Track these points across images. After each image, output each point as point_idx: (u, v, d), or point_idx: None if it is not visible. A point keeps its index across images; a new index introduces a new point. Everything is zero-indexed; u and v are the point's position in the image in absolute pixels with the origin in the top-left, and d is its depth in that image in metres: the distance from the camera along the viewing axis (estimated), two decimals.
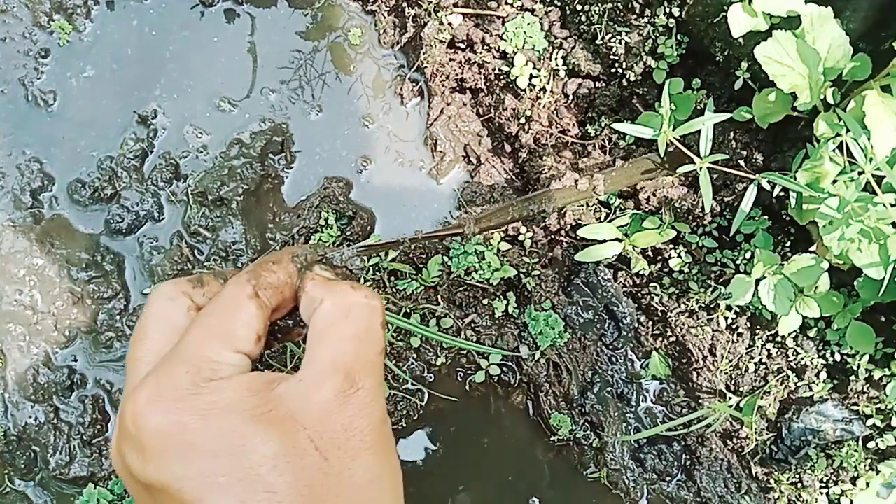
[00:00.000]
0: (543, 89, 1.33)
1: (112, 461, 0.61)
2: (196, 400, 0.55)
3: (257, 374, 0.60)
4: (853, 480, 1.28)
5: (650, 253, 1.34)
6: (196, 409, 0.55)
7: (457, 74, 1.41)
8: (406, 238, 1.04)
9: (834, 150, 1.04)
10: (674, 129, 1.13)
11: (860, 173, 1.00)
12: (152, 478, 0.54)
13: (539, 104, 1.35)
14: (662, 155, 1.17)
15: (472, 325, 1.39)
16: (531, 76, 1.32)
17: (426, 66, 1.41)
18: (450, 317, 1.37)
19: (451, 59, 1.40)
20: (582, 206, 1.36)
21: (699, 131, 1.13)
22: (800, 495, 1.31)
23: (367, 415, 0.59)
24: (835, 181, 1.05)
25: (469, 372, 1.40)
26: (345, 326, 0.63)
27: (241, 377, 0.58)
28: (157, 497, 0.55)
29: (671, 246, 1.31)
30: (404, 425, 1.37)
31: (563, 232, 1.39)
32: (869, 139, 0.96)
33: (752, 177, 1.13)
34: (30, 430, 1.36)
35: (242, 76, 1.46)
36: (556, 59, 1.32)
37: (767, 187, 1.12)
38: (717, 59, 1.21)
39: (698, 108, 1.26)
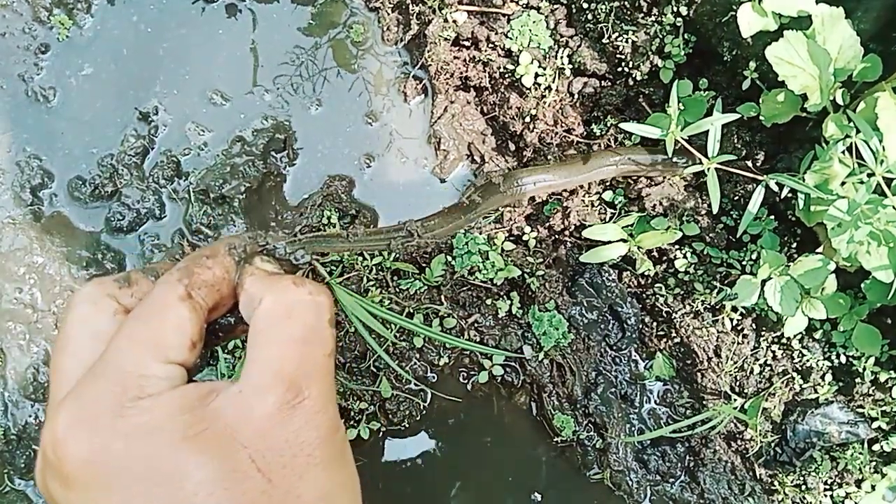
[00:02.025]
0: (549, 88, 1.32)
1: (38, 486, 0.55)
2: (121, 423, 0.50)
3: (191, 387, 0.54)
4: (858, 483, 1.27)
5: (655, 253, 1.33)
6: (121, 434, 0.49)
7: (461, 72, 1.40)
8: (349, 233, 0.96)
9: (843, 152, 1.03)
10: (681, 130, 1.12)
11: (870, 175, 0.99)
12: None
13: (544, 103, 1.33)
14: (670, 155, 1.16)
15: (476, 325, 1.38)
16: (536, 75, 1.31)
17: (430, 64, 1.39)
18: (453, 317, 1.36)
19: (455, 57, 1.38)
20: (587, 206, 1.35)
21: (704, 132, 1.13)
22: (804, 498, 1.30)
23: (315, 426, 0.53)
24: (843, 183, 1.05)
25: (472, 372, 1.39)
26: (287, 327, 0.57)
27: (171, 393, 0.52)
28: None
29: (677, 246, 1.30)
30: (407, 426, 1.37)
31: (566, 232, 1.38)
32: (881, 141, 0.95)
33: (759, 178, 1.12)
34: (30, 429, 1.35)
35: (244, 73, 1.45)
36: (561, 57, 1.30)
37: (775, 188, 1.11)
38: (725, 58, 1.20)
39: (709, 110, 1.25)
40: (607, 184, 1.35)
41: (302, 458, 0.52)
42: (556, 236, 1.39)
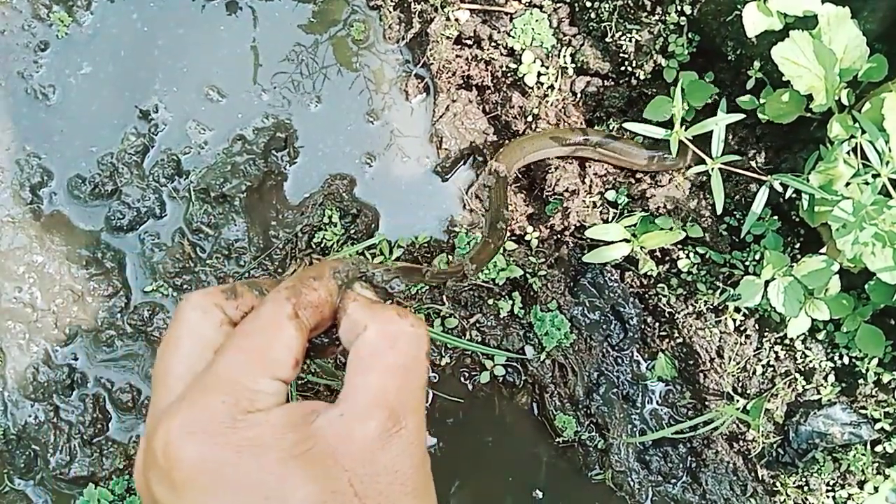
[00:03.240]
0: (551, 87, 1.32)
1: (136, 484, 0.57)
2: (233, 434, 0.52)
3: (296, 405, 0.56)
4: (860, 484, 1.27)
5: (658, 253, 1.33)
6: (232, 445, 0.52)
7: (463, 71, 1.39)
8: (428, 271, 0.99)
9: (848, 153, 1.02)
10: (685, 129, 1.12)
11: (875, 176, 0.99)
12: None
13: (546, 102, 1.33)
14: (675, 153, 1.15)
15: (477, 325, 1.37)
16: (539, 74, 1.30)
17: (432, 63, 1.39)
18: (455, 317, 1.36)
19: (457, 56, 1.38)
20: (588, 206, 1.34)
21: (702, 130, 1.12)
22: (806, 499, 1.30)
23: (410, 455, 0.55)
24: (848, 184, 1.04)
25: (474, 372, 1.39)
26: (390, 357, 0.59)
27: (279, 410, 0.55)
28: None
29: (679, 247, 1.30)
30: None
31: (567, 232, 1.37)
32: (887, 142, 0.94)
33: (763, 178, 1.12)
34: (30, 429, 1.34)
35: (244, 70, 1.44)
36: (564, 56, 1.30)
37: (779, 189, 1.11)
38: (729, 57, 1.20)
39: (711, 101, 1.25)
40: (609, 183, 1.34)
41: (397, 486, 0.54)
42: (558, 236, 1.38)
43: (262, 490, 0.51)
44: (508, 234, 1.38)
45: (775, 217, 1.24)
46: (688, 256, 1.29)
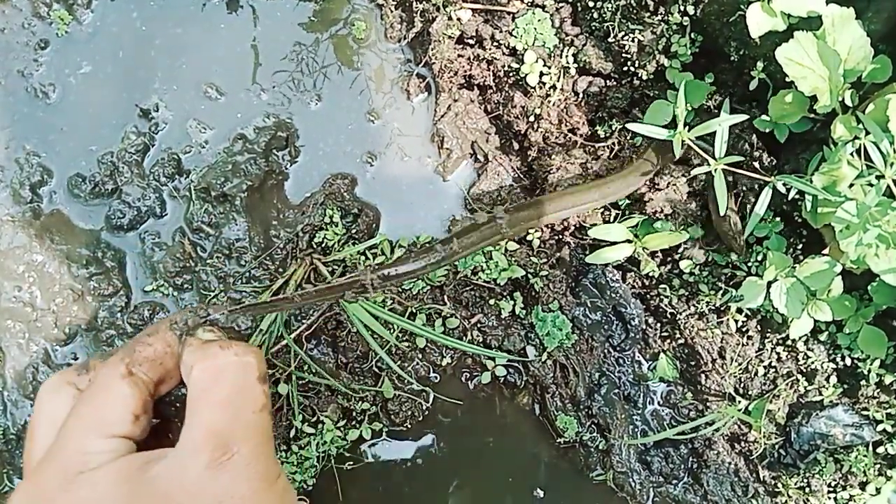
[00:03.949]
0: (553, 87, 1.31)
1: None
2: (66, 497, 0.54)
3: (131, 457, 0.58)
4: (862, 485, 1.27)
5: (660, 254, 1.32)
6: None
7: (465, 71, 1.39)
8: (295, 295, 0.96)
9: (852, 154, 1.02)
10: (689, 129, 1.11)
11: (879, 178, 0.98)
12: None
13: (548, 102, 1.32)
14: (678, 156, 1.15)
15: (479, 325, 1.37)
16: (541, 73, 1.30)
17: (434, 62, 1.38)
18: (456, 317, 1.36)
19: (459, 56, 1.37)
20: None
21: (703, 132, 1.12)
22: (807, 500, 1.30)
23: (246, 479, 0.57)
24: (852, 185, 1.04)
25: (475, 373, 1.38)
26: (215, 391, 0.60)
27: (111, 465, 0.56)
28: None
29: (682, 247, 1.29)
30: (409, 426, 1.36)
31: (567, 232, 1.37)
32: (892, 143, 0.94)
33: (766, 179, 1.12)
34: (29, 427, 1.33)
35: (245, 70, 1.43)
36: (566, 56, 1.29)
37: (782, 190, 1.10)
38: (732, 58, 1.19)
39: (708, 102, 1.25)
40: None
41: None
42: (560, 236, 1.38)
43: None
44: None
45: (778, 218, 1.24)
46: (689, 258, 1.28)
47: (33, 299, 1.36)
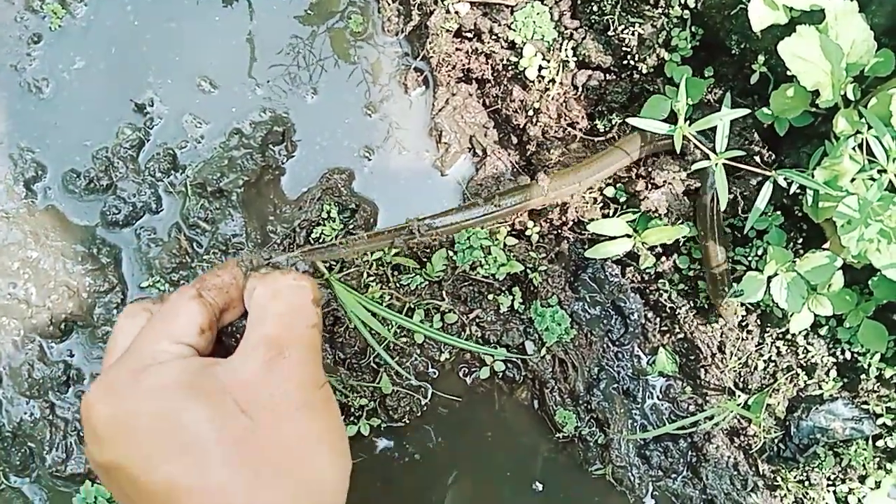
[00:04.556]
0: (552, 81, 1.30)
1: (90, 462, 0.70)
2: (137, 386, 0.61)
3: (197, 358, 0.65)
4: (861, 479, 1.27)
5: (659, 249, 1.32)
6: (137, 395, 0.60)
7: (463, 64, 1.38)
8: (349, 240, 1.06)
9: (854, 148, 1.02)
10: (689, 124, 1.10)
11: (881, 172, 0.98)
12: (105, 460, 0.60)
13: (547, 96, 1.31)
14: (678, 151, 1.14)
15: (477, 320, 1.36)
16: (540, 67, 1.29)
17: (431, 56, 1.37)
18: (454, 312, 1.35)
19: (457, 49, 1.36)
20: (587, 201, 1.33)
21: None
22: (807, 493, 1.30)
23: (293, 379, 0.64)
24: (853, 180, 1.03)
25: (473, 368, 1.38)
26: (273, 305, 0.68)
27: (179, 360, 0.64)
28: (113, 475, 0.60)
29: (681, 242, 1.29)
30: (407, 421, 1.35)
31: (565, 227, 1.36)
32: (894, 138, 0.93)
33: (767, 173, 1.11)
34: (25, 426, 1.33)
35: (240, 63, 1.42)
36: (566, 49, 1.28)
37: (783, 184, 1.10)
38: (733, 52, 1.19)
39: (708, 96, 1.24)
40: (609, 178, 1.33)
41: (283, 404, 0.62)
42: (558, 231, 1.37)
43: (161, 424, 0.59)
44: (508, 226, 1.37)
45: (778, 212, 1.23)
46: (689, 253, 1.28)
47: (28, 296, 1.35)
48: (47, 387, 1.33)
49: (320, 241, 1.34)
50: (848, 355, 1.24)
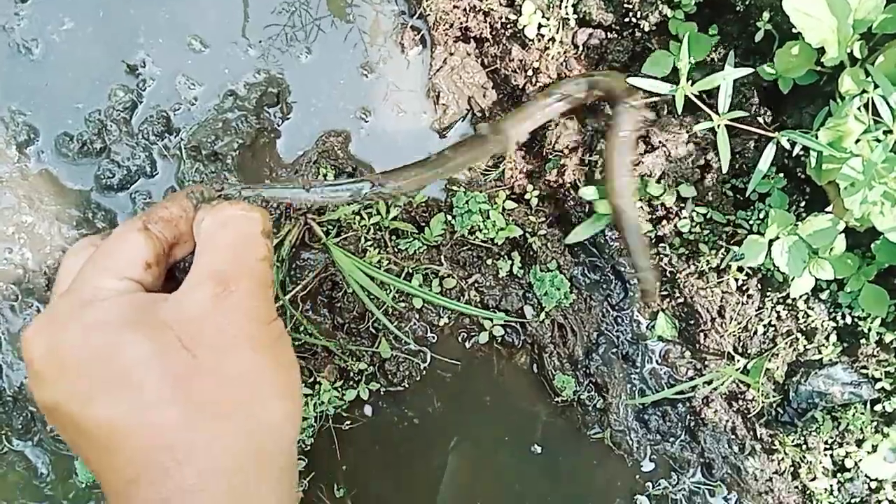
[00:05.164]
0: (552, 39, 1.27)
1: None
2: (77, 321, 0.58)
3: (141, 294, 0.63)
4: (858, 443, 1.27)
5: (661, 211, 1.30)
6: (76, 330, 0.58)
7: (461, 22, 1.34)
8: (308, 182, 0.99)
9: (859, 108, 0.99)
10: (692, 84, 1.08)
11: (887, 133, 0.96)
12: (44, 400, 0.58)
13: (547, 55, 1.28)
14: (680, 111, 1.12)
15: (476, 285, 1.35)
16: (540, 25, 1.26)
17: (429, 14, 1.34)
18: (453, 277, 1.34)
19: (455, 7, 1.33)
20: (586, 164, 1.31)
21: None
22: (804, 457, 1.30)
23: (241, 314, 0.61)
24: (858, 141, 1.01)
25: (472, 333, 1.37)
26: (221, 236, 0.65)
27: (123, 296, 0.61)
28: (54, 415, 0.58)
29: (681, 205, 1.27)
30: (407, 385, 1.35)
31: (564, 190, 1.34)
32: None
33: (770, 135, 1.09)
34: (25, 390, 1.33)
35: (233, 24, 1.39)
36: (566, 7, 1.25)
37: (786, 146, 1.07)
38: (738, 8, 1.15)
39: (713, 55, 1.21)
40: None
41: (228, 339, 0.60)
42: (558, 194, 1.35)
43: (101, 360, 0.56)
44: (508, 189, 1.35)
45: (780, 174, 1.21)
46: (689, 217, 1.26)
47: (24, 261, 1.34)
48: None
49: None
50: (848, 320, 1.23)
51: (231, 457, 0.58)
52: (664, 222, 1.30)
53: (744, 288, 1.29)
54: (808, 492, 1.32)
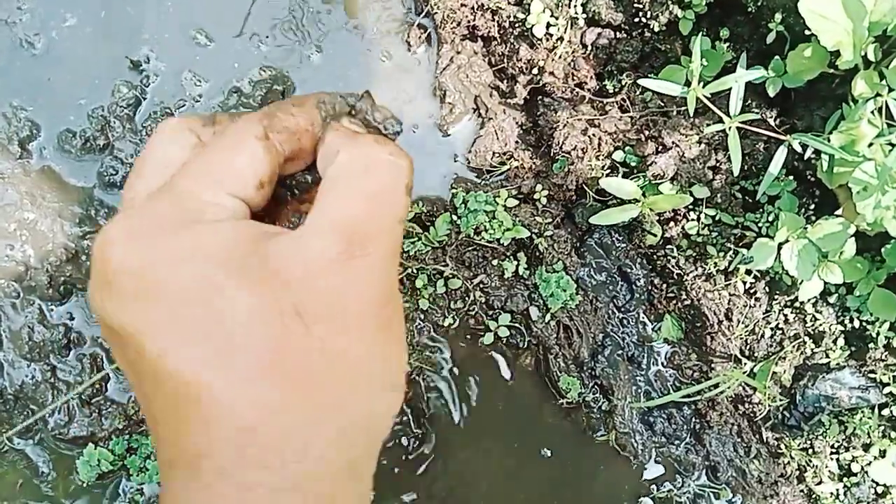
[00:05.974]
0: (560, 39, 1.26)
1: (91, 304, 0.53)
2: (174, 241, 0.48)
3: (252, 223, 0.52)
4: (865, 447, 1.27)
5: (668, 213, 1.29)
6: (172, 251, 0.47)
7: (468, 21, 1.33)
8: None
9: (872, 112, 0.98)
10: (703, 87, 1.07)
11: None
12: (115, 320, 0.47)
13: (555, 55, 1.27)
14: (692, 113, 1.11)
15: (481, 285, 1.34)
16: (548, 24, 1.24)
17: (436, 12, 1.32)
18: (458, 277, 1.33)
19: (462, 5, 1.31)
20: (594, 166, 1.30)
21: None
22: (810, 461, 1.30)
23: (369, 286, 0.50)
24: (871, 144, 1.00)
25: (478, 334, 1.36)
26: (361, 182, 0.52)
27: (230, 223, 0.50)
28: (122, 342, 0.48)
29: (690, 208, 1.26)
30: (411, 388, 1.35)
31: (573, 191, 1.33)
32: None
33: (782, 137, 1.08)
34: (27, 388, 1.32)
35: (238, 20, 1.37)
36: (575, 6, 1.24)
37: (798, 149, 1.06)
38: (749, 9, 1.14)
39: (729, 66, 1.20)
40: (619, 141, 1.30)
41: (350, 313, 0.49)
42: (566, 195, 1.34)
43: (197, 300, 0.46)
44: (515, 189, 1.34)
45: (791, 178, 1.20)
46: (698, 219, 1.25)
47: (26, 258, 1.33)
48: (48, 350, 1.32)
49: None
50: (856, 324, 1.23)
51: (332, 456, 0.49)
52: (671, 224, 1.29)
53: (751, 291, 1.28)
54: (813, 496, 1.31)
